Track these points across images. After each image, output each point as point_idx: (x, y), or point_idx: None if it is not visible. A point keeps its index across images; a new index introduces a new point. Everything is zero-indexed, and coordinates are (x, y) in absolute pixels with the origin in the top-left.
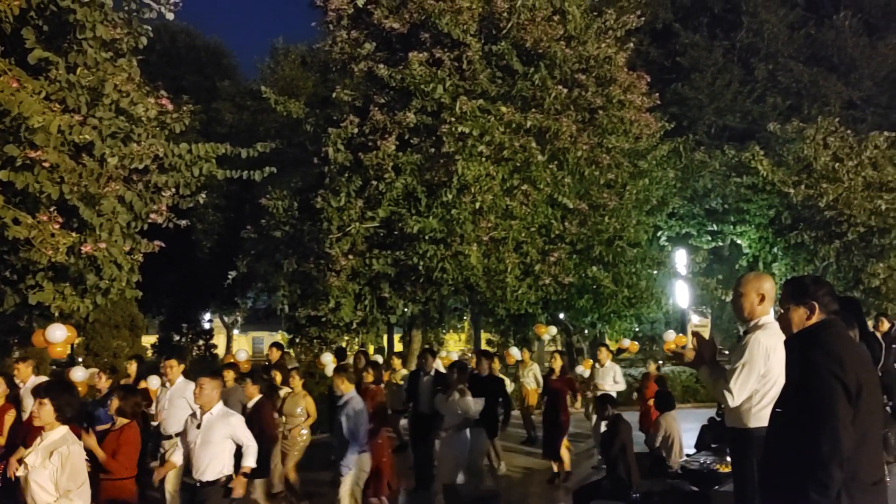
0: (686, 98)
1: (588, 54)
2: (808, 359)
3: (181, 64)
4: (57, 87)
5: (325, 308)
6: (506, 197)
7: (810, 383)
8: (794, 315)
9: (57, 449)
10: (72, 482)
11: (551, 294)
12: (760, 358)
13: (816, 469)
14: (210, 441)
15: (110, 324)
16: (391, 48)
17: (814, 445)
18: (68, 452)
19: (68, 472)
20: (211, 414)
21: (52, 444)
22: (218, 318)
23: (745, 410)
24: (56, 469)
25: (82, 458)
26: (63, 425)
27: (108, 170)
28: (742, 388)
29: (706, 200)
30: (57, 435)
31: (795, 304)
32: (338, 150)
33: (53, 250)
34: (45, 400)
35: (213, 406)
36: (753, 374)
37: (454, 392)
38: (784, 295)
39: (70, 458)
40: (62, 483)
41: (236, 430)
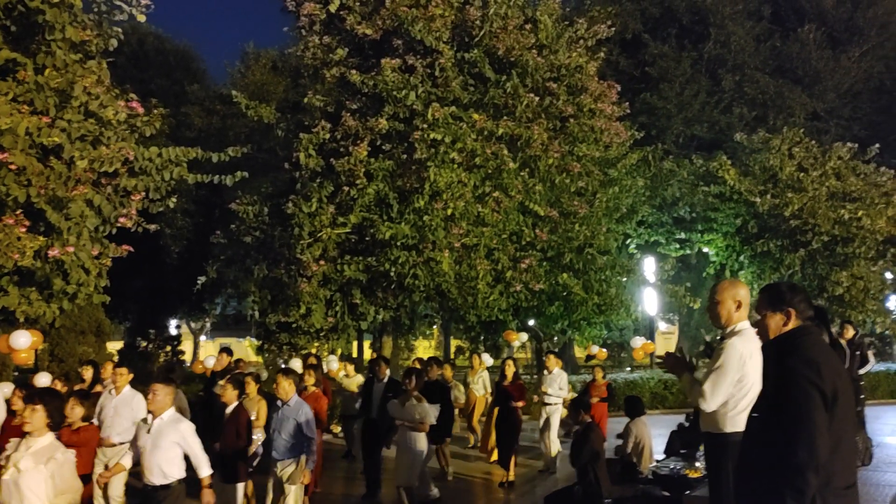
0: (655, 108)
1: (559, 63)
2: (784, 365)
3: (149, 67)
4: (25, 89)
5: (295, 314)
6: (477, 204)
7: (787, 389)
8: (771, 321)
9: (51, 456)
10: (65, 488)
11: (522, 301)
12: (735, 363)
13: (792, 475)
14: (159, 446)
15: (76, 329)
16: (364, 54)
17: (790, 451)
18: (63, 460)
19: (61, 479)
20: (161, 419)
21: (43, 451)
22: (185, 324)
23: (721, 415)
24: (50, 476)
25: (73, 465)
26: (50, 431)
27: (77, 173)
28: (716, 393)
29: (674, 209)
30: (46, 441)
31: (772, 310)
32: (309, 155)
33: (20, 254)
34: (38, 406)
35: (164, 411)
36: (728, 380)
37: (411, 398)
38: (760, 301)
39: (63, 466)
40: (55, 489)
41: (186, 437)
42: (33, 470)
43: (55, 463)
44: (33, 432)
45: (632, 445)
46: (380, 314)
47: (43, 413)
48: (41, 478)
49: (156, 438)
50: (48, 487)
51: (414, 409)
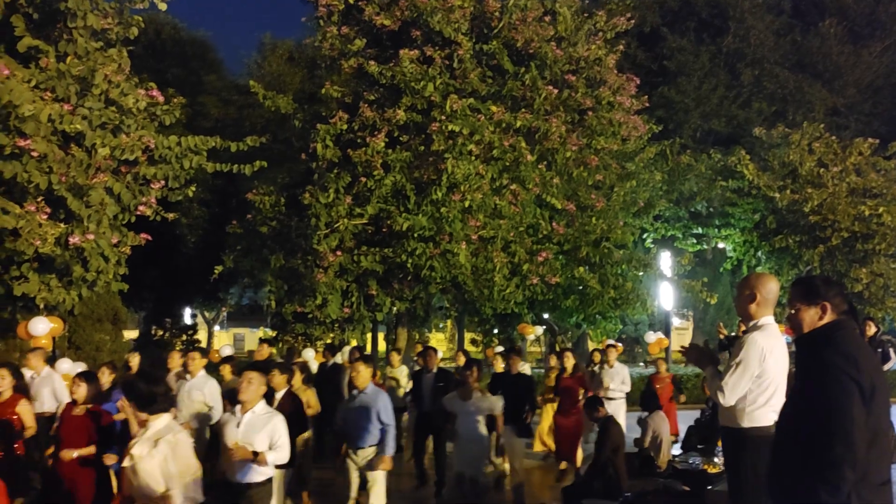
0: (673, 102)
1: (578, 55)
2: (821, 359)
3: (166, 57)
4: (47, 76)
5: (311, 305)
6: (495, 196)
7: (823, 383)
8: (805, 315)
9: (163, 437)
10: (182, 468)
11: (538, 294)
12: (755, 358)
13: (828, 470)
14: (252, 441)
15: (93, 317)
16: (382, 45)
17: (826, 445)
18: (175, 440)
19: (175, 460)
20: (254, 412)
21: (157, 433)
22: (200, 313)
23: (740, 410)
24: (165, 457)
25: (190, 446)
26: (165, 413)
27: (97, 161)
28: (735, 388)
29: (691, 204)
30: (162, 423)
31: (806, 304)
32: (326, 146)
33: (41, 241)
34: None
35: (257, 403)
36: (747, 375)
37: (477, 392)
38: (793, 295)
39: (178, 446)
40: (171, 470)
41: (278, 429)
42: (147, 455)
43: (167, 444)
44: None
45: (649, 440)
46: (395, 306)
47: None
48: (155, 461)
49: (247, 433)
50: (164, 469)
51: (481, 401)
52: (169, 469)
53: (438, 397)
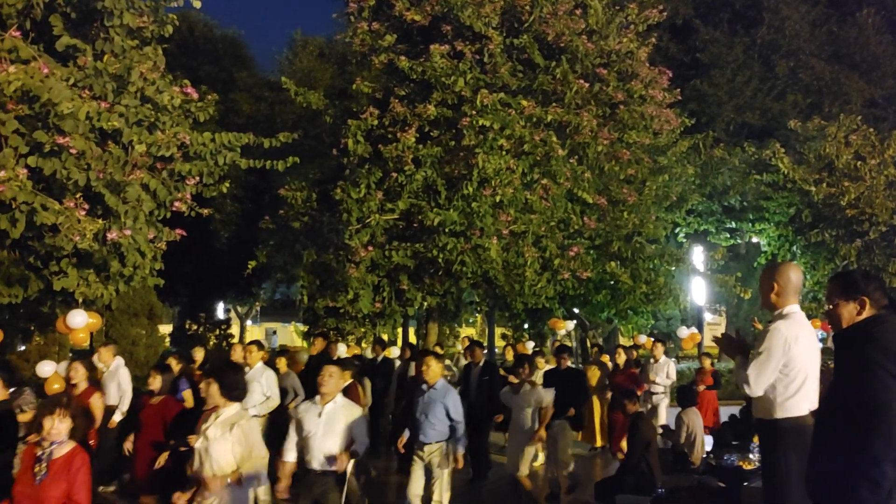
0: (705, 94)
1: (609, 49)
2: (860, 355)
3: (198, 54)
4: (84, 75)
5: (343, 299)
6: (526, 191)
7: (863, 380)
8: (844, 310)
9: (237, 423)
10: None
11: (569, 289)
12: (779, 347)
13: (868, 466)
14: (333, 431)
15: (129, 311)
16: (412, 40)
17: (866, 442)
18: (247, 426)
19: (244, 445)
20: (334, 403)
21: (229, 419)
22: (232, 308)
23: (772, 401)
24: (237, 440)
25: (258, 432)
26: (234, 402)
27: (134, 157)
28: (760, 377)
29: (725, 198)
30: (233, 411)
31: (845, 299)
32: (357, 141)
33: (80, 236)
34: (212, 380)
35: (335, 395)
36: (772, 364)
37: (526, 384)
38: (832, 290)
39: (249, 432)
40: (241, 453)
41: (357, 421)
42: (220, 438)
43: (239, 430)
44: (217, 405)
45: (684, 436)
46: (426, 300)
47: (216, 386)
48: (227, 445)
49: (328, 423)
50: (235, 454)
51: (530, 394)
52: (239, 452)
53: (482, 390)
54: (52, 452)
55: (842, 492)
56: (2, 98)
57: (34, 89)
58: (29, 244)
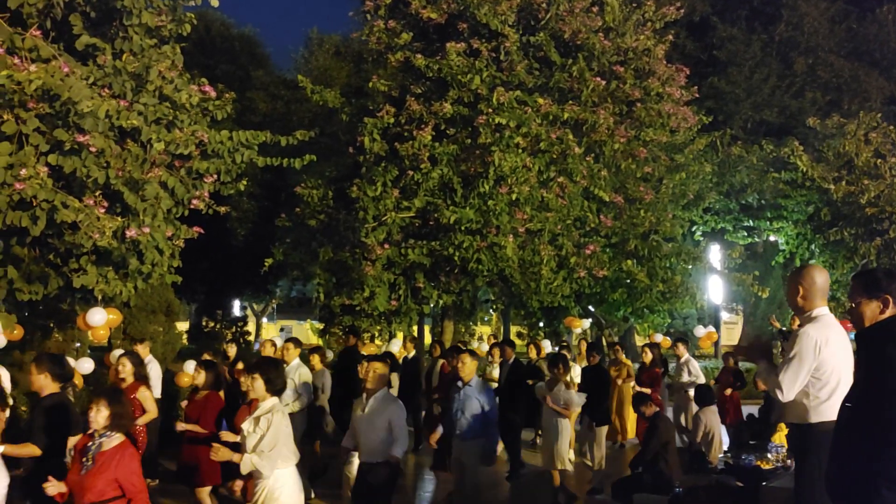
0: (723, 92)
1: (626, 46)
2: (883, 354)
3: (215, 53)
4: (104, 73)
5: (359, 297)
6: (542, 189)
7: (885, 378)
8: (867, 309)
9: (264, 414)
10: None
11: (585, 287)
12: (810, 351)
13: (890, 465)
14: (374, 424)
15: (147, 309)
16: (428, 38)
17: (888, 442)
18: (272, 419)
19: (272, 436)
20: (376, 397)
21: (261, 412)
22: (249, 305)
23: (804, 405)
24: (263, 433)
25: (287, 426)
26: (273, 396)
27: (152, 155)
28: (792, 383)
29: (742, 196)
30: (268, 405)
31: (867, 297)
32: (373, 139)
33: (99, 234)
34: (257, 375)
35: (379, 390)
36: (804, 368)
37: (560, 384)
38: (854, 289)
39: (274, 425)
40: (266, 445)
41: (394, 416)
42: (253, 432)
43: (266, 422)
44: (257, 398)
45: (701, 435)
46: (442, 298)
47: (261, 381)
48: (256, 437)
49: (370, 417)
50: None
51: (563, 394)
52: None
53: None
54: (101, 444)
55: (863, 491)
56: (23, 97)
57: (54, 88)
58: (49, 242)
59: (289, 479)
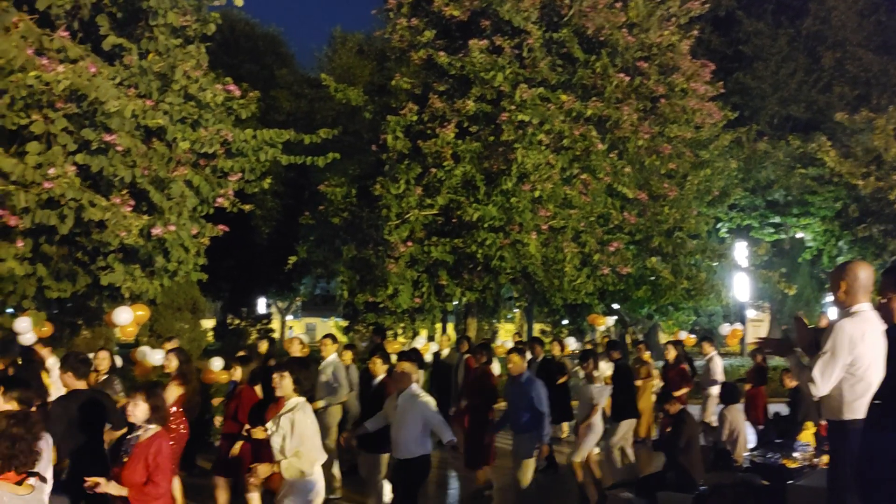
0: (749, 87)
1: (650, 42)
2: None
3: (240, 53)
4: (130, 73)
5: (383, 294)
6: (565, 186)
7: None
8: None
9: (287, 413)
10: (299, 444)
11: (609, 284)
12: (844, 346)
13: None
14: (406, 421)
15: (173, 306)
16: (451, 36)
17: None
18: (294, 419)
19: (298, 435)
20: (405, 395)
21: (284, 410)
22: (273, 303)
23: (839, 402)
24: (285, 433)
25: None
26: (300, 396)
27: (178, 154)
28: (825, 377)
29: (769, 192)
30: (293, 404)
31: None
32: (396, 137)
33: (126, 232)
34: (286, 373)
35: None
36: (838, 364)
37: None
38: (885, 283)
39: (297, 424)
40: (289, 445)
41: (425, 410)
42: (276, 431)
43: (287, 420)
44: (283, 396)
45: (726, 433)
46: (465, 296)
47: (289, 380)
48: (278, 436)
49: (402, 414)
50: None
51: (588, 390)
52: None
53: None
54: (139, 437)
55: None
56: (51, 97)
57: (82, 88)
58: (77, 240)
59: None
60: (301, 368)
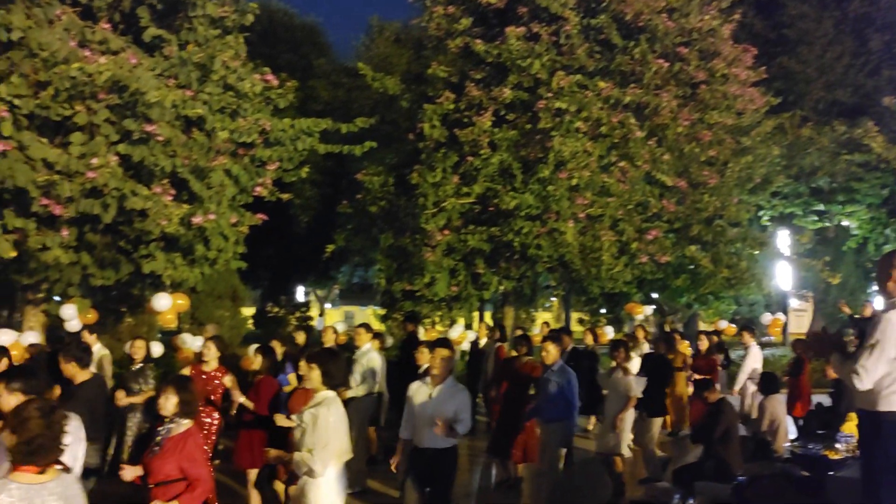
0: (793, 72)
1: (691, 26)
2: None
3: (278, 43)
4: (170, 64)
5: (420, 283)
6: (603, 174)
7: None
8: None
9: (311, 408)
10: (315, 442)
11: (647, 273)
12: (892, 339)
13: None
14: (442, 411)
15: (214, 294)
16: (488, 23)
17: None
18: (318, 414)
19: (320, 432)
20: (444, 385)
21: (311, 404)
22: (312, 291)
23: (877, 393)
24: (307, 427)
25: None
26: (328, 390)
27: (217, 144)
28: (872, 370)
29: (812, 179)
30: (320, 398)
31: None
32: (433, 126)
33: (167, 221)
34: (314, 365)
35: (446, 377)
36: (884, 356)
37: (619, 370)
38: None
39: (318, 420)
40: (307, 440)
41: (461, 405)
42: (301, 425)
43: (311, 416)
44: (312, 389)
45: (766, 424)
46: (502, 284)
47: (318, 372)
48: (300, 431)
49: (437, 405)
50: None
51: (621, 381)
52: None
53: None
54: (170, 430)
55: None
56: (93, 88)
57: (123, 79)
58: (120, 228)
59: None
60: (331, 360)
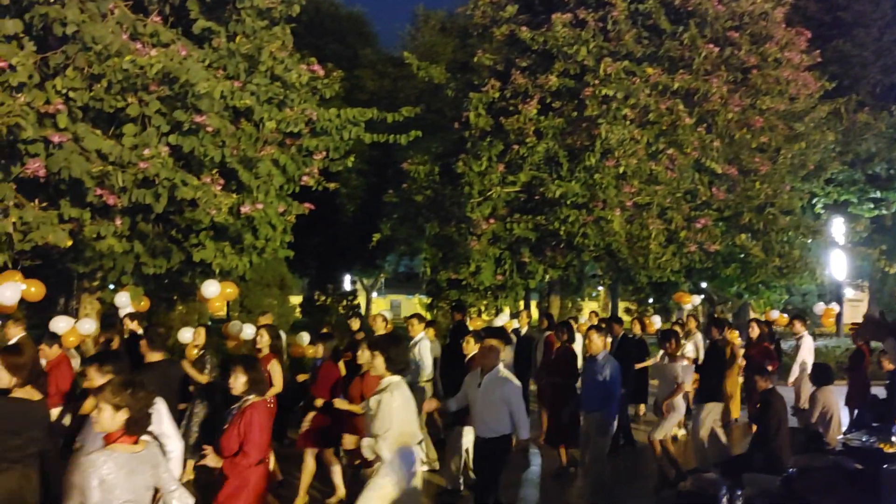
0: (848, 55)
1: (742, 10)
2: None
3: (324, 34)
4: (218, 56)
5: (465, 272)
6: (650, 161)
7: None
8: None
9: (377, 394)
10: (382, 426)
11: (696, 262)
12: None
13: None
14: (488, 402)
15: (262, 282)
16: (533, 10)
17: None
18: (382, 399)
19: (384, 417)
20: (491, 375)
21: (377, 390)
22: (358, 280)
23: None
24: (373, 413)
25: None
26: (393, 375)
27: (265, 134)
28: None
29: (869, 165)
30: (385, 384)
31: None
32: (479, 114)
33: (216, 210)
34: (377, 352)
35: (493, 367)
36: None
37: (667, 359)
38: None
39: (382, 405)
40: (380, 427)
41: (510, 396)
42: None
43: (375, 402)
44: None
45: (818, 415)
46: (548, 273)
47: (381, 358)
48: (369, 417)
49: (485, 393)
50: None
51: (670, 370)
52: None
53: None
54: (240, 407)
55: None
56: (145, 80)
57: (174, 71)
58: (171, 218)
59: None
60: (393, 345)
